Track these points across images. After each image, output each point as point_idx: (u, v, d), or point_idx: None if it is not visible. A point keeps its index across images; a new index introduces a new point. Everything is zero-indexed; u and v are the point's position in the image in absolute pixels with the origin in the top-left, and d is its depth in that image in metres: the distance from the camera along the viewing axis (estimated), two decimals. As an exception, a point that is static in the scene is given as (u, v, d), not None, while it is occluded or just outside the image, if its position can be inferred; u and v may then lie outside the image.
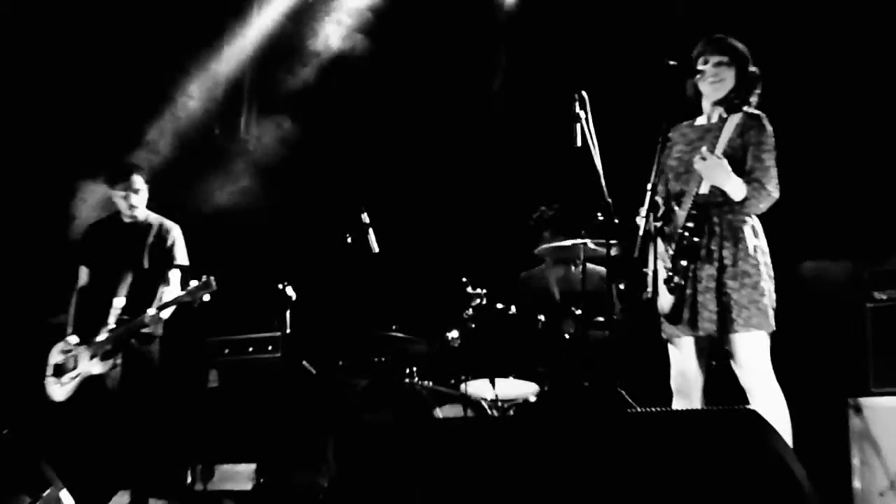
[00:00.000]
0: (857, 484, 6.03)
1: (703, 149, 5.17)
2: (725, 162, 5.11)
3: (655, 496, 3.96)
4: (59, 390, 6.98)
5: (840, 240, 6.95)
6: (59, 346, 7.11)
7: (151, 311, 6.90)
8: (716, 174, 5.14)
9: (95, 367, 6.90)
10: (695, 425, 4.12)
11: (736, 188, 5.14)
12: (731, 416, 4.06)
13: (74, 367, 6.97)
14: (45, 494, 6.39)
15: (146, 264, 7.21)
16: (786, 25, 7.26)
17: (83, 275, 7.34)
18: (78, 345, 7.02)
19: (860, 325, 6.34)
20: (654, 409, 4.34)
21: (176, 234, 7.33)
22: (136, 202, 7.24)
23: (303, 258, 8.00)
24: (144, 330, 6.99)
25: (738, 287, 5.14)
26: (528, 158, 7.88)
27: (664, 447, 4.05)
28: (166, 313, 7.02)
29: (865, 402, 6.13)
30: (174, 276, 7.23)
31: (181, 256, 7.30)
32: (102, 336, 6.92)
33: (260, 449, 7.51)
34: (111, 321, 6.95)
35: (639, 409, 4.32)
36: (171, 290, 7.12)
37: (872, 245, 6.62)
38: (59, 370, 7.02)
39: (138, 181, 7.24)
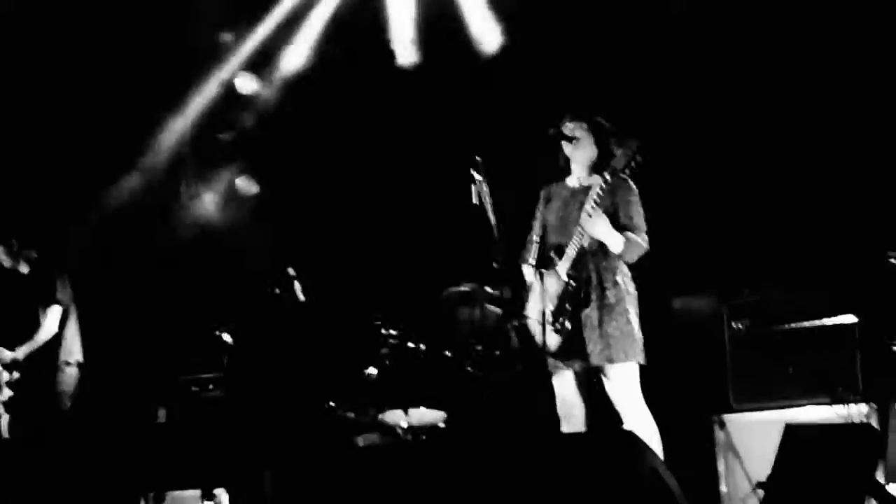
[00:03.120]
0: (723, 489, 6.15)
1: (588, 207, 5.28)
2: (607, 220, 5.24)
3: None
4: None
5: (702, 278, 7.07)
6: None
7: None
8: (598, 229, 5.28)
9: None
10: (578, 446, 4.17)
11: (615, 242, 5.30)
12: (611, 437, 4.13)
13: None
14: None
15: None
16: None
17: None
18: None
19: (721, 351, 6.49)
20: (544, 432, 4.37)
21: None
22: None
23: (237, 307, 7.92)
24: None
25: (615, 325, 5.28)
26: (434, 213, 7.89)
27: (554, 466, 4.10)
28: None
29: (728, 417, 6.26)
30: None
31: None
32: None
33: (204, 476, 7.40)
34: None
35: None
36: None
37: (728, 281, 6.75)
38: None
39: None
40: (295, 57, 8.93)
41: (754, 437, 6.02)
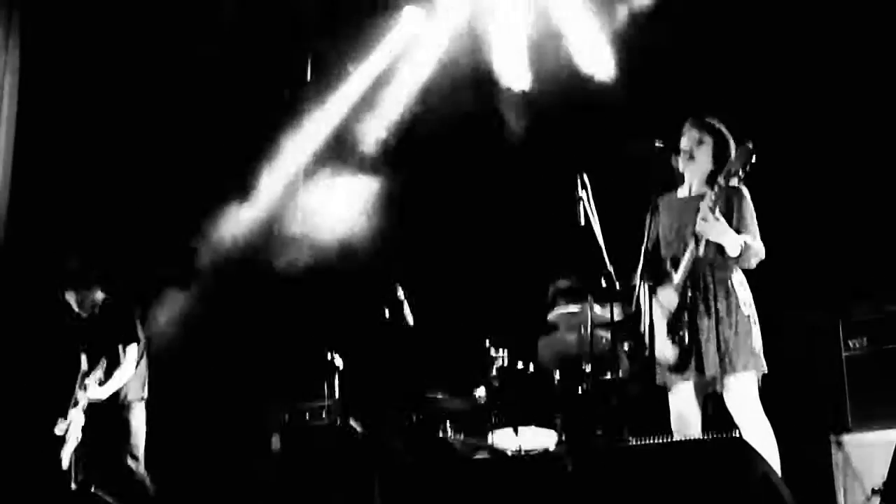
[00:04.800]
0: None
1: (703, 211, 5.21)
2: (724, 222, 5.17)
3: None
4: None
5: (817, 291, 6.93)
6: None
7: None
8: (716, 231, 5.20)
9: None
10: (688, 454, 4.14)
11: (733, 243, 5.20)
12: (720, 444, 4.09)
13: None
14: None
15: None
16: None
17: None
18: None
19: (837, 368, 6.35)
20: (652, 441, 4.34)
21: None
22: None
23: (347, 330, 8.00)
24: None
25: (732, 335, 5.19)
26: (539, 235, 7.91)
27: (663, 475, 4.08)
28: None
29: (846, 438, 6.13)
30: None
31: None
32: None
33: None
34: None
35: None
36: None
37: (844, 295, 6.61)
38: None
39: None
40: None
41: (874, 457, 5.87)
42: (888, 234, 6.81)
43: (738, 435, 4.44)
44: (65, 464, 6.91)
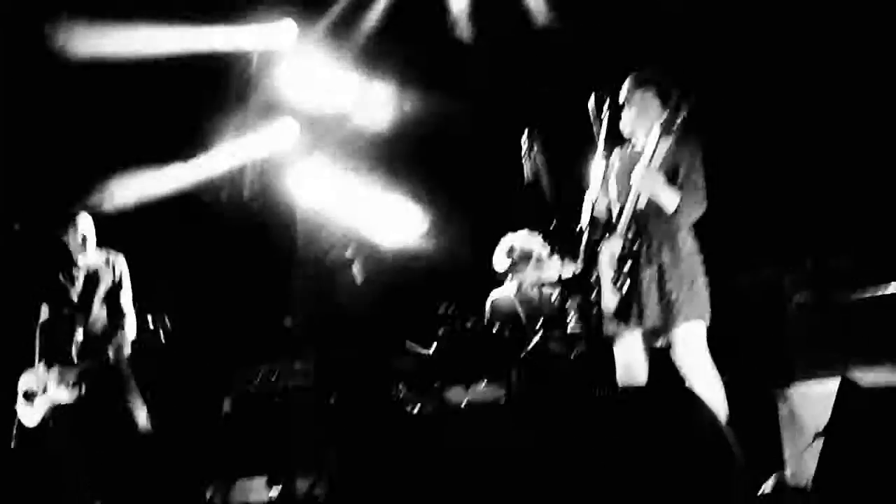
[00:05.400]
0: (787, 457, 6.06)
1: (639, 164, 5.24)
2: (659, 175, 5.19)
3: (607, 464, 4.00)
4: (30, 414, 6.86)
5: (763, 249, 7.01)
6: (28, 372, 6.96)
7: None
8: (650, 185, 5.22)
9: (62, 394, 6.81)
10: (632, 402, 4.16)
11: (669, 199, 5.22)
12: (665, 393, 4.12)
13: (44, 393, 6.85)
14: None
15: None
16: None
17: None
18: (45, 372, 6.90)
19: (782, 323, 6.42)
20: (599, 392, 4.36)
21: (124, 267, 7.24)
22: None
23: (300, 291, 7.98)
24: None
25: (676, 286, 5.21)
26: (490, 191, 7.92)
27: (607, 424, 4.10)
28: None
29: (790, 390, 6.18)
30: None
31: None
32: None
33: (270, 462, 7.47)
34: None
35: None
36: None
37: (789, 252, 6.67)
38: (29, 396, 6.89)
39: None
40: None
41: (818, 407, 5.94)
42: (834, 190, 6.87)
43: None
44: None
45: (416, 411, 6.76)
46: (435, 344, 7.04)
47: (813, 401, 6.03)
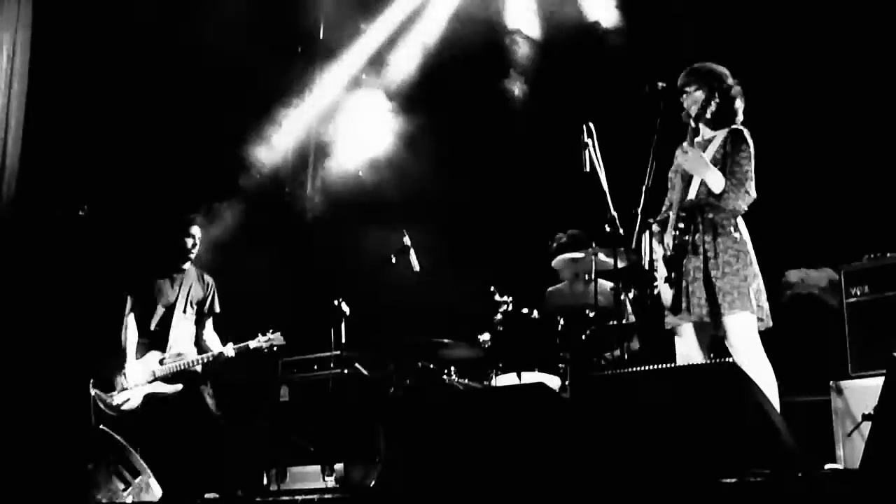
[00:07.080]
0: (839, 452, 6.05)
1: (685, 144, 5.30)
2: (703, 154, 5.25)
3: (655, 441, 4.06)
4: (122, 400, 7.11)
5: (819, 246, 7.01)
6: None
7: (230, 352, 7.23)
8: (695, 165, 5.28)
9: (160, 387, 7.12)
10: (681, 379, 4.20)
11: (715, 179, 5.24)
12: (714, 369, 4.16)
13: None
14: (135, 482, 6.30)
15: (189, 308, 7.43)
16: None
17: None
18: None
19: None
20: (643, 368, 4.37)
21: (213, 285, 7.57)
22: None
23: (353, 278, 8.08)
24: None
25: (721, 276, 5.22)
26: (545, 183, 8.00)
27: (656, 401, 4.15)
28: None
29: (845, 384, 6.18)
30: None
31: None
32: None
33: (326, 451, 7.59)
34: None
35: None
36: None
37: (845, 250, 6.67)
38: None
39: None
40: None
41: (872, 401, 5.93)
42: (888, 185, 6.86)
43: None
44: None
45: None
46: (487, 334, 7.11)
47: (867, 395, 6.03)
